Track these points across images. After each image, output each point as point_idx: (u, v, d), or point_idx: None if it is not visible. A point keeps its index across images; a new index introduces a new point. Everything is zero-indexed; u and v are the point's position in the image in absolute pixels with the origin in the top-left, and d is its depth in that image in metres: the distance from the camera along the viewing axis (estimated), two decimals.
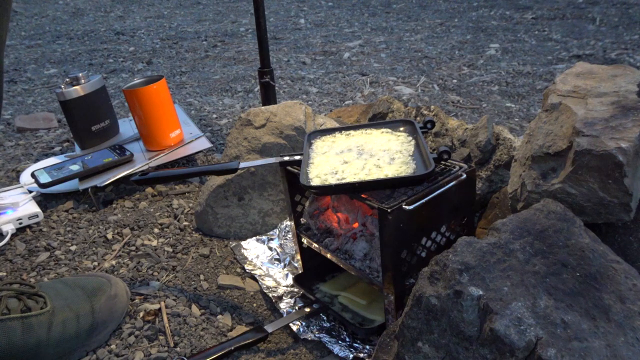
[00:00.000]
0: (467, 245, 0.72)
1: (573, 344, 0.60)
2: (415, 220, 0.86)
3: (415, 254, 0.90)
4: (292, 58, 3.24)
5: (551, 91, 0.97)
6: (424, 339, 0.69)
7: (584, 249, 0.72)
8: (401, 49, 3.30)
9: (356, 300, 1.07)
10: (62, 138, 2.08)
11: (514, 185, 0.94)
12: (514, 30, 3.53)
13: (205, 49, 3.55)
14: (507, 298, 0.64)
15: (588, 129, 0.81)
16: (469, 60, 2.95)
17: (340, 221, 1.04)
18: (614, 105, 0.87)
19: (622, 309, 0.65)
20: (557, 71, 2.62)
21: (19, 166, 1.80)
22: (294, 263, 1.23)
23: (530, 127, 0.96)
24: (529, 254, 0.71)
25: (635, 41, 2.99)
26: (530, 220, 0.76)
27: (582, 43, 3.05)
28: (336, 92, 2.53)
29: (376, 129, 1.07)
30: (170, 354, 0.96)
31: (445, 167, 0.95)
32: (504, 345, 0.60)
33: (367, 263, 0.96)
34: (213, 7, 5.28)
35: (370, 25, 4.06)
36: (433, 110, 1.36)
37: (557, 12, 3.91)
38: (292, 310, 1.09)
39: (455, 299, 0.66)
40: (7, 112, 2.42)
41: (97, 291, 1.00)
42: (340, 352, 0.97)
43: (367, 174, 0.88)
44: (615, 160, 0.76)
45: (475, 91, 2.45)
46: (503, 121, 2.09)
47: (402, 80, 2.68)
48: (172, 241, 1.32)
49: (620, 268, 0.71)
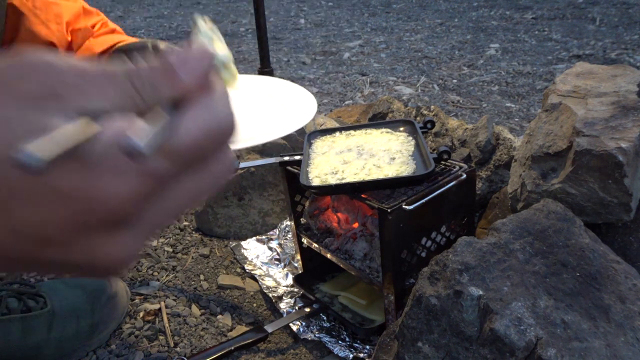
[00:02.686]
0: (467, 245, 0.72)
1: (573, 344, 0.60)
2: (415, 220, 0.86)
3: (415, 254, 0.90)
4: (292, 58, 3.24)
5: (551, 91, 0.97)
6: (424, 339, 0.69)
7: (584, 249, 0.72)
8: (401, 49, 3.30)
9: (356, 300, 1.07)
10: None
11: (514, 185, 0.94)
12: (514, 30, 3.53)
13: None
14: (507, 298, 0.64)
15: (588, 129, 0.81)
16: (469, 60, 2.95)
17: (340, 221, 1.04)
18: (614, 105, 0.87)
19: (622, 309, 0.65)
20: (557, 71, 2.62)
21: None
22: (294, 263, 1.23)
23: (530, 127, 0.96)
24: (529, 254, 0.71)
25: (635, 41, 2.99)
26: (530, 220, 0.76)
27: (582, 43, 3.06)
28: (336, 92, 2.53)
29: (376, 129, 1.07)
30: (170, 354, 0.96)
31: (445, 167, 0.95)
32: (504, 345, 0.60)
33: (367, 263, 0.96)
34: (213, 7, 5.28)
35: (370, 25, 4.07)
36: (433, 110, 1.36)
37: (557, 12, 3.91)
38: (292, 310, 1.09)
39: (455, 299, 0.66)
40: None
41: (97, 291, 1.00)
42: (340, 352, 0.97)
43: (367, 174, 0.88)
44: (615, 160, 0.76)
45: (475, 91, 2.45)
46: (503, 121, 2.09)
47: (402, 80, 2.68)
48: (172, 241, 1.32)
49: (620, 268, 0.71)
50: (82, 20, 0.67)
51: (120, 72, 0.24)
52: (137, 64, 0.24)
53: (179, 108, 0.24)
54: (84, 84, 0.23)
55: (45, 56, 0.23)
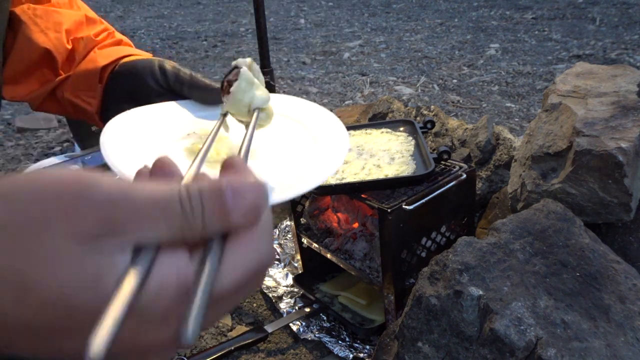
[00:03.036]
0: (467, 245, 0.72)
1: (573, 344, 0.60)
2: (415, 220, 0.86)
3: (415, 254, 0.90)
4: (292, 58, 3.24)
5: (551, 91, 0.97)
6: (424, 339, 0.69)
7: (584, 249, 0.72)
8: (401, 49, 3.30)
9: (356, 300, 1.07)
10: (62, 138, 2.08)
11: (514, 185, 0.94)
12: (514, 30, 3.53)
13: (205, 49, 3.55)
14: (507, 298, 0.64)
15: (588, 129, 0.81)
16: (469, 60, 2.95)
17: (340, 221, 1.04)
18: (614, 105, 0.87)
19: (622, 309, 0.65)
20: (557, 71, 2.62)
21: (19, 166, 1.80)
22: (294, 263, 1.23)
23: (530, 127, 0.96)
24: (529, 254, 0.71)
25: (635, 41, 2.99)
26: (530, 220, 0.76)
27: (582, 43, 3.06)
28: (336, 92, 2.53)
29: (376, 129, 1.07)
30: None
31: (445, 167, 0.95)
32: (504, 345, 0.60)
33: (367, 263, 0.96)
34: (213, 7, 5.28)
35: (370, 25, 4.07)
36: (433, 110, 1.36)
37: (557, 12, 3.91)
38: (292, 310, 1.09)
39: (455, 299, 0.66)
40: (7, 112, 2.42)
41: None
42: (340, 352, 0.97)
43: (367, 174, 0.88)
44: (615, 160, 0.76)
45: (475, 91, 2.45)
46: (503, 121, 2.09)
47: (402, 80, 2.68)
48: None
49: (620, 268, 0.71)
50: (85, 29, 0.66)
51: (173, 201, 0.24)
52: (189, 186, 0.24)
53: (226, 238, 0.25)
54: (138, 217, 0.23)
55: (97, 186, 0.23)
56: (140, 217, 0.23)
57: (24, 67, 0.63)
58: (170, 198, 0.24)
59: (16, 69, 0.63)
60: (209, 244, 0.25)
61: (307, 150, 0.49)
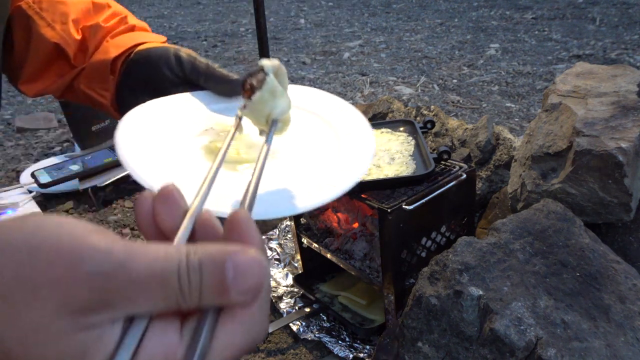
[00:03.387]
0: (467, 245, 0.72)
1: (573, 344, 0.60)
2: (415, 220, 0.86)
3: (415, 254, 0.90)
4: (292, 58, 3.24)
5: (551, 91, 0.97)
6: (424, 339, 0.69)
7: (584, 249, 0.72)
8: (401, 49, 3.30)
9: (356, 300, 1.07)
10: (62, 138, 2.08)
11: (514, 185, 0.94)
12: (514, 30, 3.53)
13: (205, 49, 3.55)
14: (507, 298, 0.64)
15: (588, 129, 0.81)
16: (469, 60, 2.95)
17: (340, 221, 1.04)
18: (614, 105, 0.87)
19: (622, 309, 0.65)
20: (557, 71, 2.62)
21: (19, 166, 1.80)
22: (294, 263, 1.23)
23: (530, 127, 0.96)
24: (529, 254, 0.71)
25: (635, 41, 2.99)
26: (530, 220, 0.76)
27: (582, 43, 3.06)
28: (336, 92, 2.53)
29: (376, 129, 1.07)
30: None
31: (445, 167, 0.95)
32: (504, 345, 0.60)
33: (367, 263, 0.96)
34: (213, 7, 5.28)
35: (370, 25, 4.07)
36: (433, 110, 1.36)
37: (557, 12, 3.91)
38: (292, 310, 1.09)
39: (455, 299, 0.66)
40: (7, 112, 2.42)
41: None
42: (340, 352, 0.97)
43: (367, 174, 0.88)
44: (615, 160, 0.76)
45: (475, 91, 2.45)
46: (503, 121, 2.09)
47: (402, 80, 2.68)
48: None
49: (620, 268, 0.71)
50: (93, 16, 0.65)
51: (171, 274, 0.23)
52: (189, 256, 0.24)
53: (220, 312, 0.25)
54: (134, 290, 0.22)
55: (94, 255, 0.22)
56: (136, 290, 0.22)
57: (40, 63, 0.62)
58: (169, 271, 0.23)
59: (35, 66, 0.63)
60: (203, 314, 0.24)
61: (330, 151, 0.46)
